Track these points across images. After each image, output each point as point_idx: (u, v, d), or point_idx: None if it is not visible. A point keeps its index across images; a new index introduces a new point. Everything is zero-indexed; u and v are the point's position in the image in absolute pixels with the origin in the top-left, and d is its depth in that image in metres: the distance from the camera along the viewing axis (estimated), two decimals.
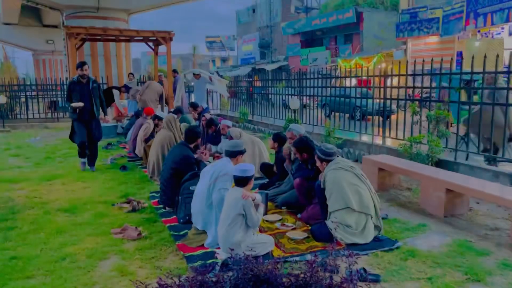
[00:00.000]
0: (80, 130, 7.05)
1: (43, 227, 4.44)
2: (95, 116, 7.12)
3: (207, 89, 13.31)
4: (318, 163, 4.20)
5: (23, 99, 15.67)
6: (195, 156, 5.15)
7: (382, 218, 4.19)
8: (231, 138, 6.71)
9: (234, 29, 48.67)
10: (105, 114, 7.39)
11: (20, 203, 5.36)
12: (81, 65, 6.94)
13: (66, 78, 15.74)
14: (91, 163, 7.32)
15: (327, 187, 3.98)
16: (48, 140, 11.17)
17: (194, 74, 12.07)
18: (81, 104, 6.86)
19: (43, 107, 15.67)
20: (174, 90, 12.68)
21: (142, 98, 10.92)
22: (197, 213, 4.13)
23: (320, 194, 4.11)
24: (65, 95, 7.22)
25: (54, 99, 15.64)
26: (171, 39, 12.15)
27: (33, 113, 14.98)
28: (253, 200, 3.55)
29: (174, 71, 13.79)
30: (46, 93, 15.94)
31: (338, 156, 4.18)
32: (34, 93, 16.12)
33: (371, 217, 3.92)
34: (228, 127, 7.33)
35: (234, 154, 4.15)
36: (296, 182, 4.65)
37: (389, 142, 7.82)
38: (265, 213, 4.71)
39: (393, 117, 8.42)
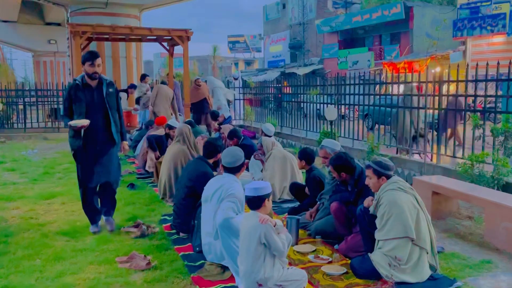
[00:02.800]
0: (87, 166, 5.05)
1: (39, 252, 4.52)
2: (115, 142, 5.14)
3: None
4: (373, 180, 4.06)
5: (20, 106, 16.18)
6: (215, 173, 5.16)
7: (438, 252, 4.08)
8: (261, 147, 6.80)
9: (261, 27, 49.20)
10: (124, 138, 5.32)
11: (14, 224, 5.48)
12: (92, 57, 4.89)
13: (69, 83, 16.17)
14: (108, 211, 5.36)
15: (383, 210, 3.84)
16: (47, 153, 11.45)
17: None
18: (85, 121, 4.82)
19: (43, 115, 16.12)
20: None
21: (155, 109, 10.99)
22: (207, 245, 4.16)
23: (363, 220, 4.03)
24: (62, 107, 5.25)
25: (55, 106, 16.07)
26: (188, 38, 12.35)
27: (31, 122, 15.43)
28: (274, 226, 3.43)
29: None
30: (47, 99, 16.41)
31: (394, 175, 4.10)
32: (33, 99, 16.61)
33: (426, 253, 3.80)
34: (267, 135, 7.40)
35: (237, 169, 4.19)
36: (333, 207, 4.59)
37: (445, 161, 7.66)
38: (296, 243, 4.68)
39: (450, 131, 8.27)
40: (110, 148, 5.12)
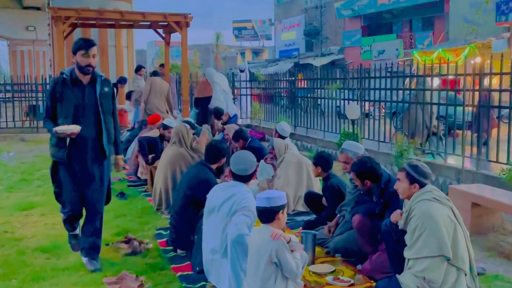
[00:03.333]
0: (71, 187, 4.60)
1: (16, 271, 4.54)
2: (105, 156, 4.67)
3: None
4: (403, 185, 4.01)
5: None
6: (218, 181, 5.17)
7: (478, 274, 4.06)
8: (272, 150, 6.76)
9: (271, 11, 49.16)
10: (118, 151, 4.94)
11: None
12: (87, 45, 4.51)
13: (50, 76, 16.28)
14: (90, 251, 4.71)
15: (415, 224, 3.79)
16: (25, 156, 11.51)
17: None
18: (76, 128, 4.36)
19: (20, 113, 16.22)
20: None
21: (148, 107, 10.95)
22: (209, 262, 4.15)
23: (390, 238, 4.02)
24: (44, 107, 4.87)
25: (34, 103, 16.17)
26: (187, 24, 12.38)
27: (6, 121, 15.51)
28: (288, 243, 3.42)
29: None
30: (24, 95, 16.49)
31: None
32: (8, 95, 16.70)
33: (465, 275, 3.77)
34: (282, 136, 7.37)
35: (249, 178, 4.20)
36: (356, 221, 4.58)
37: (486, 167, 7.62)
38: (312, 262, 4.68)
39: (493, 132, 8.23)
40: (101, 164, 4.66)
